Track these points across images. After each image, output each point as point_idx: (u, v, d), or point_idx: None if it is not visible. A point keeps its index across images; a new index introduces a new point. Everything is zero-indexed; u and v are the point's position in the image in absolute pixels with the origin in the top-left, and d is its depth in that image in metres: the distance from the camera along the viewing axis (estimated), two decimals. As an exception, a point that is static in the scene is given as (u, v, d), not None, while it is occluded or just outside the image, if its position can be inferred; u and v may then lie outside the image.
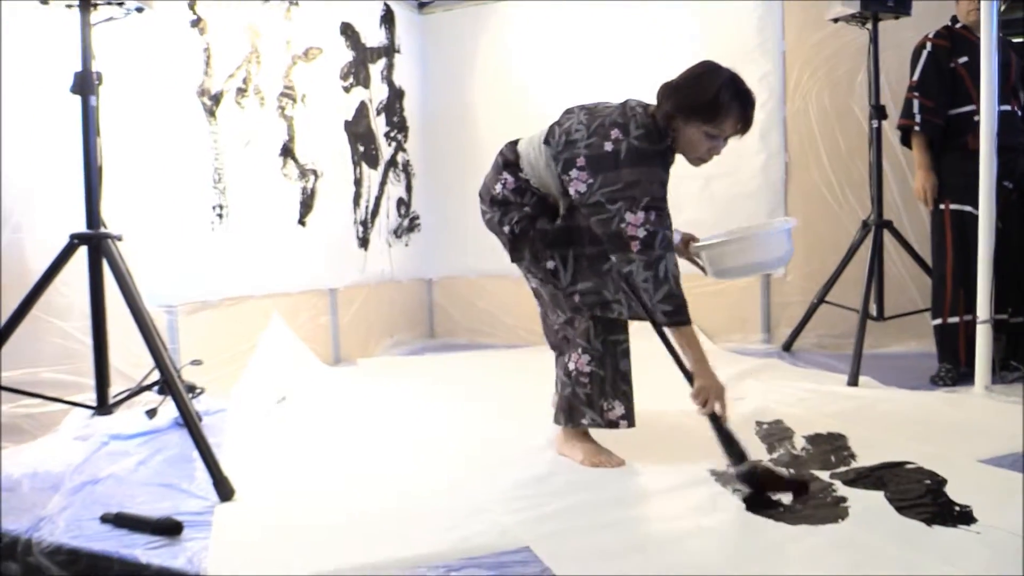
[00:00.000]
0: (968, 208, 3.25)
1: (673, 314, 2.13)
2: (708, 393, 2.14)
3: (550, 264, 2.34)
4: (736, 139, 2.25)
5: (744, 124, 2.20)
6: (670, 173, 2.25)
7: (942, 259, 3.36)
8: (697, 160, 2.27)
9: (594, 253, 2.28)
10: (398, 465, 2.45)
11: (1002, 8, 3.19)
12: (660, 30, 4.45)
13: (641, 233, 2.10)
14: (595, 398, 2.32)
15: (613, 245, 2.17)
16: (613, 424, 2.34)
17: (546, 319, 2.57)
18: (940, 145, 3.36)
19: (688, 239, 2.52)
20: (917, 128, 3.34)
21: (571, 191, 2.23)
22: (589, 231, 2.25)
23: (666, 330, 2.20)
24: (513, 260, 2.45)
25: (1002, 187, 3.16)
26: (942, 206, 3.35)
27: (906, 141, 3.49)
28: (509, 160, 2.40)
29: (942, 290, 3.35)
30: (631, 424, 2.35)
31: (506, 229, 2.38)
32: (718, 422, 2.15)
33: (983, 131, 2.98)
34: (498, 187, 2.40)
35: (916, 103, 3.34)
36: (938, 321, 3.36)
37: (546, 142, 2.32)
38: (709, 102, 2.15)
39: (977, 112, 3.20)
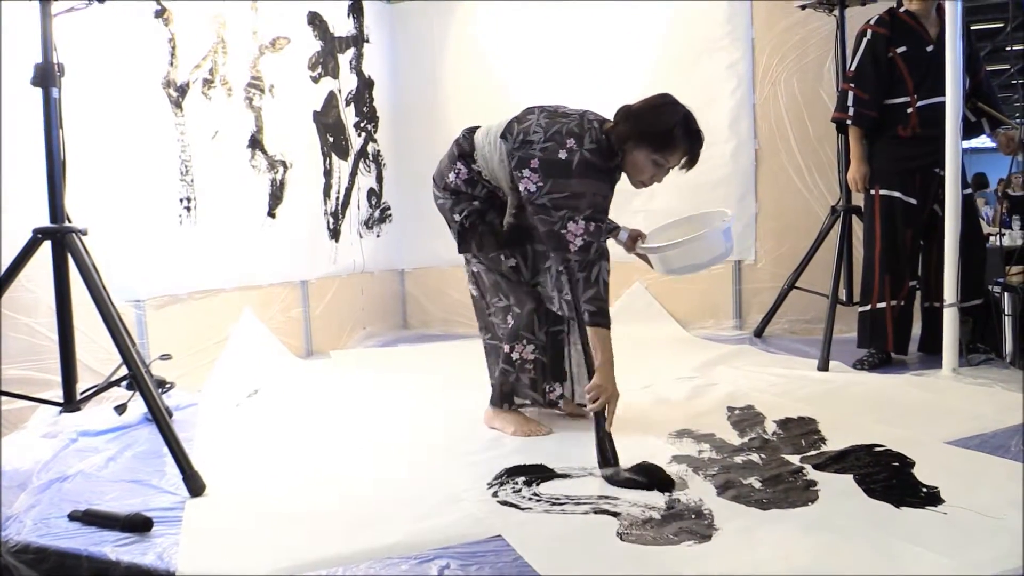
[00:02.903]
0: (896, 193, 3.32)
1: (595, 315, 2.27)
2: (602, 392, 2.24)
3: (511, 262, 2.55)
4: (678, 172, 2.42)
5: (690, 160, 2.36)
6: (614, 190, 2.42)
7: (871, 245, 3.41)
8: (639, 183, 2.42)
9: (544, 250, 2.49)
10: (371, 456, 2.44)
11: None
12: (630, 18, 4.45)
13: (579, 242, 2.26)
14: (539, 382, 2.61)
15: (553, 244, 2.33)
16: (553, 404, 2.66)
17: (479, 303, 2.79)
18: (873, 134, 3.40)
19: (635, 236, 2.67)
20: (850, 122, 3.38)
21: (521, 188, 2.35)
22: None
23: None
24: (460, 251, 2.65)
25: (934, 174, 3.22)
26: (872, 191, 3.40)
27: (842, 131, 3.53)
28: (464, 151, 2.53)
29: (871, 276, 3.40)
30: (570, 399, 2.67)
31: (456, 219, 2.56)
32: (600, 423, 2.22)
33: (949, 125, 3.02)
34: (451, 176, 2.54)
35: (851, 95, 3.36)
36: (866, 307, 3.40)
37: (503, 137, 2.43)
38: (663, 133, 2.30)
39: (911, 104, 3.25)
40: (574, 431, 2.54)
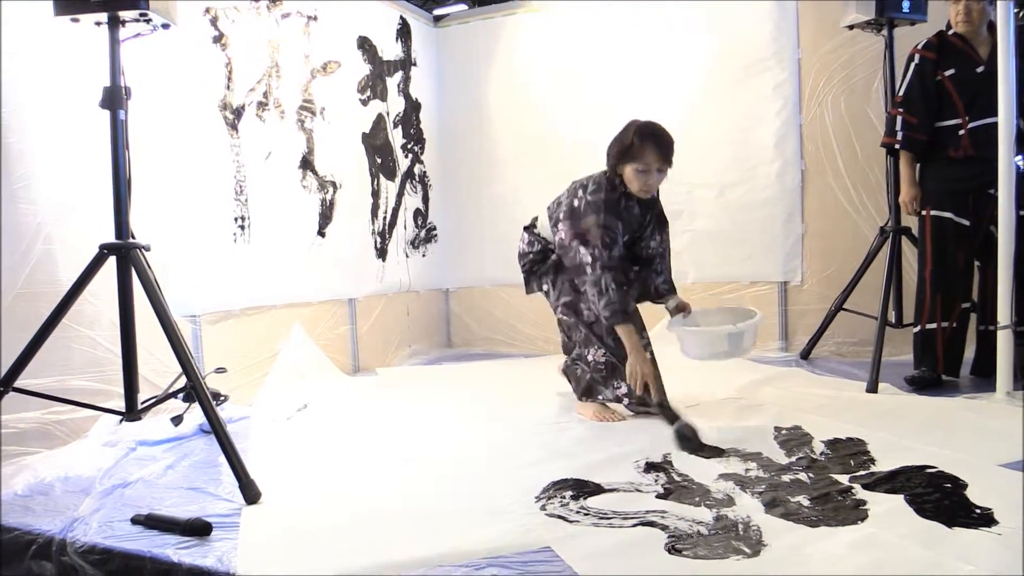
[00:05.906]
0: (948, 214, 3.31)
1: (610, 317, 2.84)
2: (636, 375, 2.82)
3: (544, 287, 3.16)
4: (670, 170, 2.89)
5: (661, 154, 2.81)
6: (633, 211, 2.98)
7: (923, 266, 3.39)
8: (642, 192, 2.90)
9: (570, 279, 3.03)
10: (418, 469, 2.48)
11: (1020, 14, 3.20)
12: (675, 40, 4.49)
13: (588, 259, 2.84)
14: (609, 379, 3.02)
15: (576, 271, 2.94)
16: (619, 399, 3.02)
17: (560, 324, 3.23)
18: (924, 156, 3.39)
19: (682, 307, 3.10)
20: (898, 146, 3.38)
21: (556, 238, 3.02)
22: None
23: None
24: (527, 292, 3.28)
25: (988, 195, 3.18)
26: (924, 212, 3.38)
27: (892, 154, 3.53)
28: (529, 225, 3.23)
29: (922, 296, 3.38)
30: (631, 399, 2.99)
31: (522, 267, 3.24)
32: (648, 399, 2.81)
33: (1001, 144, 2.98)
34: (521, 244, 3.25)
35: (899, 120, 3.37)
36: (918, 328, 3.38)
37: (548, 208, 3.11)
38: (628, 145, 2.83)
39: (962, 127, 3.23)
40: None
